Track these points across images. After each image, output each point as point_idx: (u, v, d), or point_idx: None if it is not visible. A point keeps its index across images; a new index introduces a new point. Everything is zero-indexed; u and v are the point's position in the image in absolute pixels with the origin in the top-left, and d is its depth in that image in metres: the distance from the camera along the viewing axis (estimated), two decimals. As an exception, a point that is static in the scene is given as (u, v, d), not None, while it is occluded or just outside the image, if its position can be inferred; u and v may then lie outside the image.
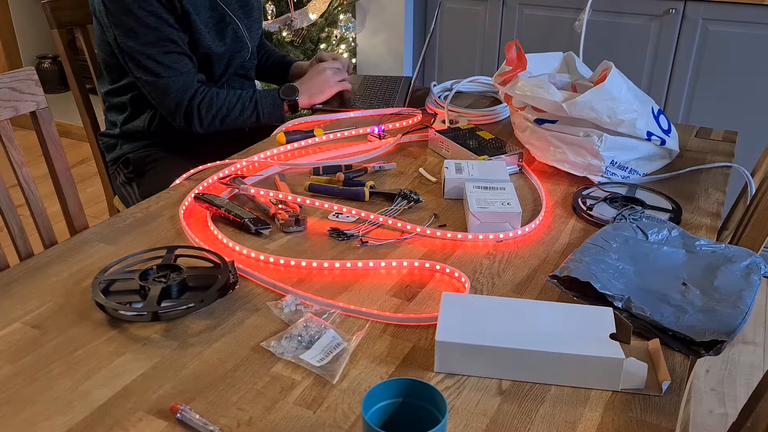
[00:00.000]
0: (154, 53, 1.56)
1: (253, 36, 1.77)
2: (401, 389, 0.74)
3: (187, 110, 1.61)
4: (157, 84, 1.59)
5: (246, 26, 1.73)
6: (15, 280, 1.06)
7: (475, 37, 2.85)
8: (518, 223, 1.20)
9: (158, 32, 1.55)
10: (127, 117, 1.72)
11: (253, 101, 1.65)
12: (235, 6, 1.70)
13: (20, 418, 0.80)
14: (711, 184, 1.41)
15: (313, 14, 2.78)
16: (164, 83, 1.58)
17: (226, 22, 1.67)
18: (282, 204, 1.27)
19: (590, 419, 0.81)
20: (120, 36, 1.56)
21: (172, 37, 1.56)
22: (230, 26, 1.68)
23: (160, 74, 1.57)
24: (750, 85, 2.45)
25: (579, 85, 1.49)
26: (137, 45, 1.55)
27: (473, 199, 1.21)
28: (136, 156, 1.72)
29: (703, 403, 2.04)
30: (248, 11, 1.75)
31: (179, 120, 1.63)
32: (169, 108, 1.62)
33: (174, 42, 1.57)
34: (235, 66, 1.75)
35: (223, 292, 1.00)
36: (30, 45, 4.10)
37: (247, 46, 1.74)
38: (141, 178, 1.72)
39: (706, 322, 0.94)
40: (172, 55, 1.57)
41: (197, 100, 1.61)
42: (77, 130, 3.68)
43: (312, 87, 1.72)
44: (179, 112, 1.62)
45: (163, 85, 1.59)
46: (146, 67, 1.57)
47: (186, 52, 1.61)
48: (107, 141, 1.78)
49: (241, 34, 1.71)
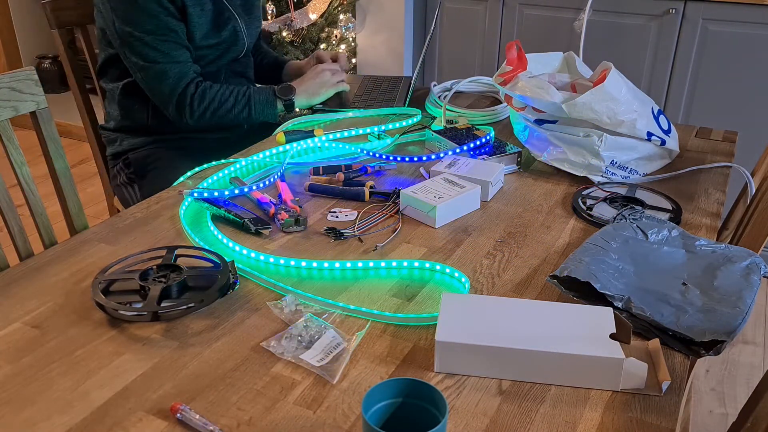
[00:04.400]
0: (152, 40, 1.56)
1: (251, 33, 1.78)
2: (401, 389, 0.74)
3: (179, 99, 1.61)
4: (153, 69, 1.58)
5: (245, 23, 1.73)
6: (15, 280, 1.06)
7: (475, 37, 2.85)
8: (434, 220, 1.22)
9: (158, 20, 1.55)
10: (126, 109, 1.71)
11: (245, 96, 1.65)
12: (236, 2, 1.70)
13: (20, 418, 0.80)
14: (711, 184, 1.41)
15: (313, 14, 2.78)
16: (161, 69, 1.58)
17: (225, 16, 1.68)
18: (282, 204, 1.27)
19: (590, 419, 0.81)
20: (119, 23, 1.56)
21: (171, 26, 1.57)
22: (230, 21, 1.68)
23: (157, 60, 1.57)
24: (750, 85, 2.45)
25: (579, 85, 1.49)
26: (136, 31, 1.55)
27: (422, 186, 1.27)
28: (137, 156, 1.72)
29: (703, 403, 2.04)
30: (249, 8, 1.76)
31: (171, 109, 1.62)
32: (163, 95, 1.61)
33: (173, 31, 1.57)
34: (229, 60, 1.74)
35: (223, 292, 1.00)
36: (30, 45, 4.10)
37: (243, 41, 1.74)
38: (142, 180, 1.72)
39: (706, 322, 0.94)
40: (170, 43, 1.58)
41: (191, 90, 1.61)
42: (77, 130, 3.68)
43: (309, 87, 1.72)
44: (172, 101, 1.61)
45: (160, 71, 1.58)
46: (143, 54, 1.57)
47: (184, 43, 1.61)
48: (108, 134, 1.78)
49: (239, 29, 1.71)
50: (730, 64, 2.45)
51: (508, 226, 1.23)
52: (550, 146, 1.42)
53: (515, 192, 1.37)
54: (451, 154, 1.42)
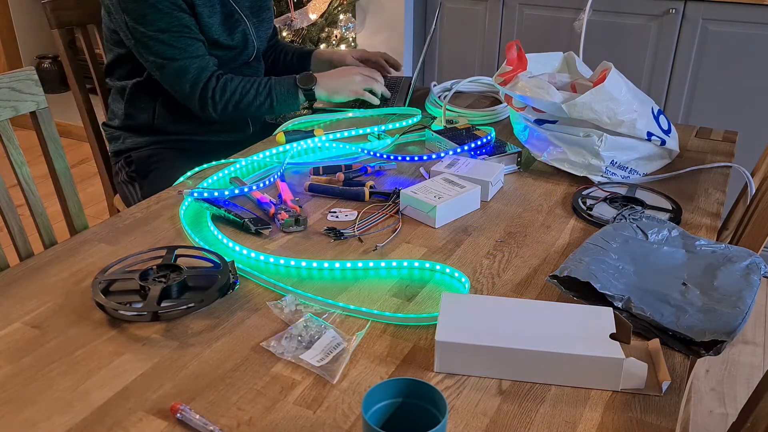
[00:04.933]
0: (167, 38, 1.55)
1: (260, 36, 1.77)
2: (401, 389, 0.74)
3: (202, 93, 1.60)
4: (172, 67, 1.57)
5: (254, 25, 1.73)
6: (15, 280, 1.06)
7: (475, 37, 2.85)
8: (434, 220, 1.22)
9: (171, 17, 1.54)
10: (132, 108, 1.71)
11: (267, 87, 1.63)
12: (244, 5, 1.70)
13: (20, 418, 0.80)
14: (711, 184, 1.41)
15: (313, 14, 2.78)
16: (180, 65, 1.57)
17: (235, 19, 1.67)
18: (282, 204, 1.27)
19: (590, 419, 0.81)
20: (131, 22, 1.55)
21: (184, 22, 1.56)
22: (239, 25, 1.68)
23: (176, 57, 1.56)
24: (750, 85, 2.45)
25: (579, 85, 1.49)
26: (150, 31, 1.54)
27: (422, 186, 1.27)
28: (139, 155, 1.72)
29: (703, 403, 2.04)
30: (257, 12, 1.75)
31: (195, 104, 1.61)
32: (184, 91, 1.60)
33: (187, 27, 1.56)
34: (239, 64, 1.74)
35: (223, 292, 1.00)
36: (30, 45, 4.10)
37: (253, 45, 1.74)
38: (144, 179, 1.72)
39: (706, 322, 0.94)
40: (185, 39, 1.57)
41: (212, 84, 1.60)
42: (77, 130, 3.68)
43: (332, 82, 1.67)
44: (194, 96, 1.60)
45: (179, 68, 1.57)
46: (160, 52, 1.56)
47: (199, 37, 1.60)
48: (111, 132, 1.77)
49: (249, 33, 1.71)
50: (730, 64, 2.45)
51: (508, 226, 1.23)
52: (550, 146, 1.42)
53: (515, 192, 1.37)
54: (452, 154, 1.42)
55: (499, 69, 1.50)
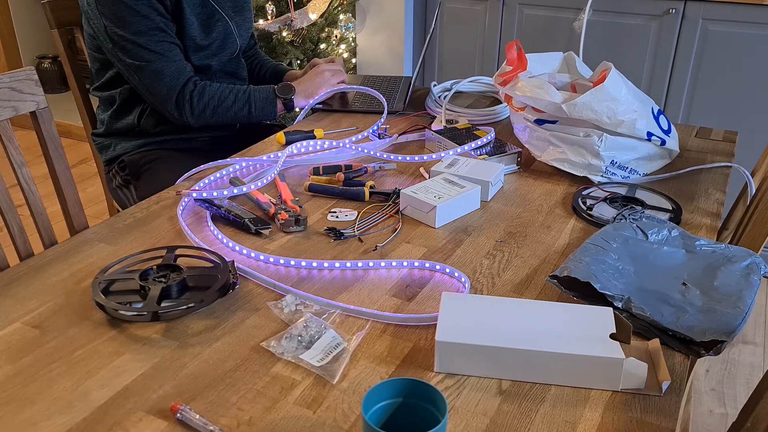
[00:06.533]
0: (145, 41, 1.55)
1: (242, 33, 1.78)
2: (401, 389, 0.74)
3: (178, 98, 1.60)
4: (149, 69, 1.57)
5: (236, 23, 1.73)
6: (15, 280, 1.06)
7: (475, 37, 2.85)
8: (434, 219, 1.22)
9: (149, 21, 1.54)
10: (116, 112, 1.71)
11: (245, 94, 1.65)
12: (225, 4, 1.70)
13: (20, 418, 0.80)
14: (711, 184, 1.41)
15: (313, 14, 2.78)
16: (157, 68, 1.57)
17: (215, 18, 1.68)
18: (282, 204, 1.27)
19: (590, 419, 0.81)
20: (110, 26, 1.55)
21: (162, 26, 1.56)
22: (219, 23, 1.68)
23: (152, 60, 1.57)
24: (750, 85, 2.45)
25: (579, 85, 1.49)
26: (128, 34, 1.54)
27: (422, 186, 1.27)
28: (132, 158, 1.72)
29: (703, 403, 2.04)
30: (239, 10, 1.76)
31: (170, 108, 1.62)
32: (161, 95, 1.60)
33: (164, 31, 1.57)
34: (222, 61, 1.74)
35: (223, 292, 1.00)
36: (30, 45, 4.10)
37: (235, 42, 1.75)
38: (137, 180, 1.72)
39: (706, 322, 0.94)
40: (164, 43, 1.57)
41: (189, 88, 1.60)
42: (77, 130, 3.68)
43: (309, 86, 1.72)
44: (170, 99, 1.60)
45: (156, 70, 1.57)
46: (137, 55, 1.56)
47: (176, 42, 1.60)
48: (101, 141, 1.77)
49: (230, 30, 1.71)
50: (730, 64, 2.45)
51: (508, 226, 1.23)
52: (550, 146, 1.42)
53: (515, 192, 1.37)
54: (452, 154, 1.42)
55: (499, 69, 1.50)
